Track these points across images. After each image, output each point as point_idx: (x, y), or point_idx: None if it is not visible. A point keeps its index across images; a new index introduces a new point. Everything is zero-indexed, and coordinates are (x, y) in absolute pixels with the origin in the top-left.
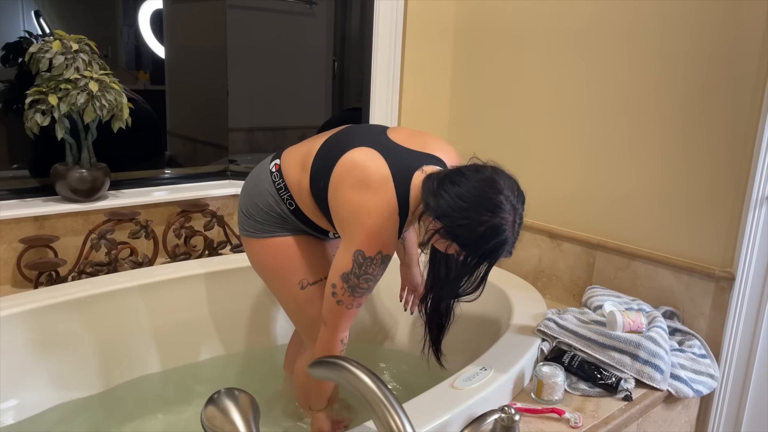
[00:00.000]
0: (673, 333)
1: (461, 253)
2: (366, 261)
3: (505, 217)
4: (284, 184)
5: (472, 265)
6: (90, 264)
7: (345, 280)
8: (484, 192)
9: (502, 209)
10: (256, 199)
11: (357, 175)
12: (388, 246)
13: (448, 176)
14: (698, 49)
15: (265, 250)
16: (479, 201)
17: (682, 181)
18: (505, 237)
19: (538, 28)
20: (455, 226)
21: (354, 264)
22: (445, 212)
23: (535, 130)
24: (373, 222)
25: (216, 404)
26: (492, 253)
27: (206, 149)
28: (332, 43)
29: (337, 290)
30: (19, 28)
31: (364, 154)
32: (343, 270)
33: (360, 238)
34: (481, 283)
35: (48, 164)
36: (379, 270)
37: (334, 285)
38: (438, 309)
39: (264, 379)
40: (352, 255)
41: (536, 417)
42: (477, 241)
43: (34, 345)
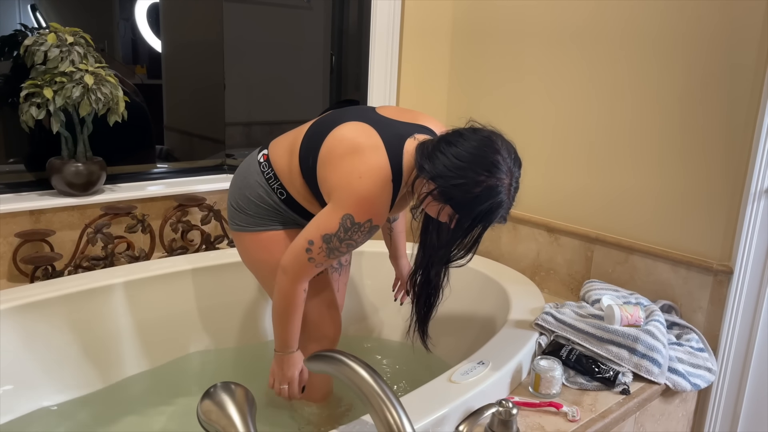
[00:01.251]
0: (671, 327)
1: (454, 217)
2: (354, 226)
3: (502, 179)
4: (273, 173)
5: (465, 227)
6: (86, 258)
7: (326, 241)
8: (481, 151)
9: (499, 169)
10: (247, 191)
11: (347, 144)
12: (380, 215)
13: (444, 138)
14: (696, 43)
15: (257, 245)
16: (476, 160)
17: (680, 175)
18: (500, 199)
19: (535, 25)
20: (450, 186)
21: (341, 227)
22: (441, 172)
23: (532, 125)
24: (365, 187)
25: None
26: (486, 216)
27: (203, 143)
28: (330, 37)
29: (314, 248)
30: (15, 21)
31: (353, 127)
32: (326, 231)
33: (351, 202)
34: (473, 247)
35: (43, 158)
36: (364, 238)
37: (311, 242)
38: (428, 280)
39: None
40: (340, 218)
41: (534, 411)
42: (471, 202)
43: (30, 339)
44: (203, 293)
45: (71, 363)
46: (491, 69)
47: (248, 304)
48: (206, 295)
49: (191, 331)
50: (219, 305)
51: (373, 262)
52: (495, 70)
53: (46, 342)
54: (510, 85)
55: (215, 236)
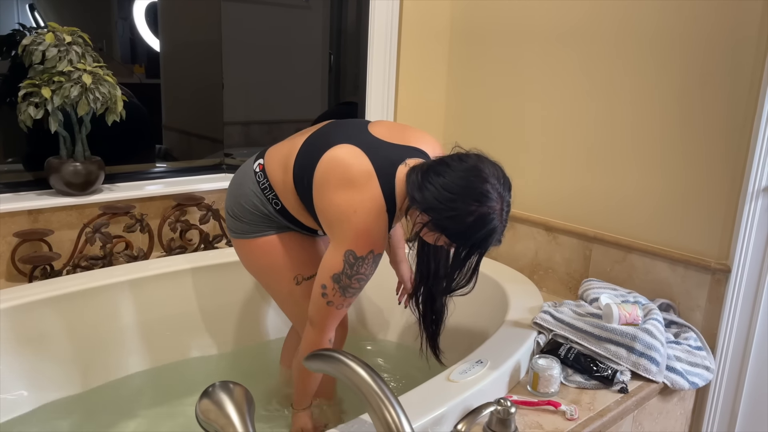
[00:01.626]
0: (669, 325)
1: (451, 244)
2: (357, 261)
3: (492, 206)
4: (269, 183)
5: (462, 256)
6: (85, 258)
7: (336, 281)
8: (469, 182)
9: (488, 198)
10: (242, 200)
11: (340, 173)
12: (379, 244)
13: (431, 167)
14: (694, 42)
15: (256, 250)
16: (465, 191)
17: (678, 174)
18: (494, 226)
19: (534, 24)
20: (443, 218)
21: (345, 264)
22: (432, 205)
23: (531, 125)
24: (361, 220)
25: (210, 397)
26: (482, 243)
27: (202, 143)
28: (328, 36)
29: (328, 291)
30: (13, 21)
31: (345, 152)
32: (333, 271)
33: (349, 238)
34: (473, 274)
35: (42, 157)
36: (371, 269)
37: (324, 286)
38: (432, 307)
39: (259, 374)
40: (343, 255)
41: (532, 409)
42: (466, 231)
43: (29, 340)
44: (202, 293)
45: (69, 362)
46: (489, 69)
47: (248, 303)
48: (205, 295)
49: (190, 331)
50: (218, 305)
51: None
52: (493, 70)
53: (44, 342)
54: (508, 84)
55: (214, 235)
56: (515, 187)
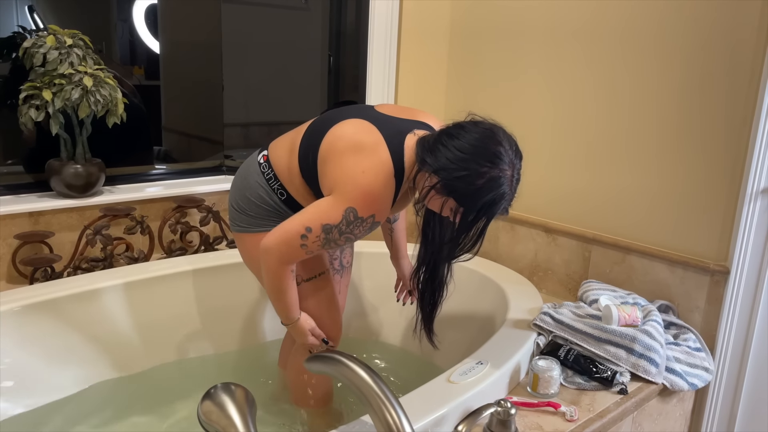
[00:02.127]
0: (668, 327)
1: (458, 210)
2: (357, 221)
3: (504, 169)
4: (273, 173)
5: (469, 220)
6: (85, 260)
7: (326, 231)
8: (483, 142)
9: (501, 160)
10: (247, 192)
11: (347, 140)
12: (382, 211)
13: (445, 131)
14: (693, 44)
15: (257, 245)
16: (478, 151)
17: (677, 176)
18: (503, 191)
19: (533, 24)
20: (453, 178)
21: (343, 220)
22: (443, 165)
23: (530, 126)
24: (368, 181)
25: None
26: (490, 207)
27: (201, 144)
28: (328, 37)
29: (310, 236)
30: (13, 23)
31: (352, 124)
32: (327, 221)
33: (355, 195)
34: (479, 239)
35: (42, 160)
36: (363, 233)
37: (308, 228)
38: (433, 281)
39: (259, 375)
40: (344, 210)
41: (532, 411)
42: (475, 193)
43: (29, 341)
44: (203, 294)
45: (70, 364)
46: (489, 69)
47: (248, 305)
48: (206, 297)
49: (190, 332)
50: (219, 306)
51: (372, 262)
52: (493, 69)
53: (45, 343)
54: (507, 85)
55: (214, 237)
56: None
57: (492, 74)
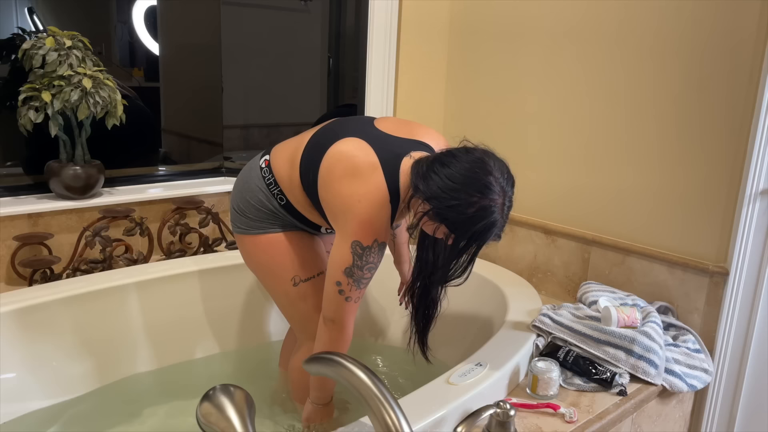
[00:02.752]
0: (668, 328)
1: (450, 236)
2: (365, 251)
3: (495, 199)
4: (274, 179)
5: (460, 247)
6: (84, 261)
7: (349, 274)
8: (474, 173)
9: (491, 190)
10: (247, 195)
11: (345, 164)
12: (382, 233)
13: (438, 158)
14: (693, 45)
15: (257, 247)
16: (469, 181)
17: (676, 177)
18: (494, 219)
19: (533, 26)
20: (444, 207)
21: (354, 256)
22: (435, 194)
23: (530, 127)
24: (364, 210)
25: (211, 400)
26: (481, 235)
27: (201, 146)
28: (327, 39)
29: (344, 287)
30: (13, 25)
31: (351, 145)
32: (344, 265)
33: (354, 229)
34: (469, 266)
35: (42, 161)
36: (378, 258)
37: (338, 282)
38: (426, 297)
39: (259, 376)
40: (350, 247)
41: (531, 412)
42: (466, 222)
43: (29, 343)
44: (202, 296)
45: (70, 365)
46: (488, 69)
47: (248, 306)
48: (205, 298)
49: (191, 334)
50: (218, 307)
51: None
52: (492, 70)
53: (44, 345)
54: (507, 85)
55: (213, 239)
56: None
57: (491, 75)
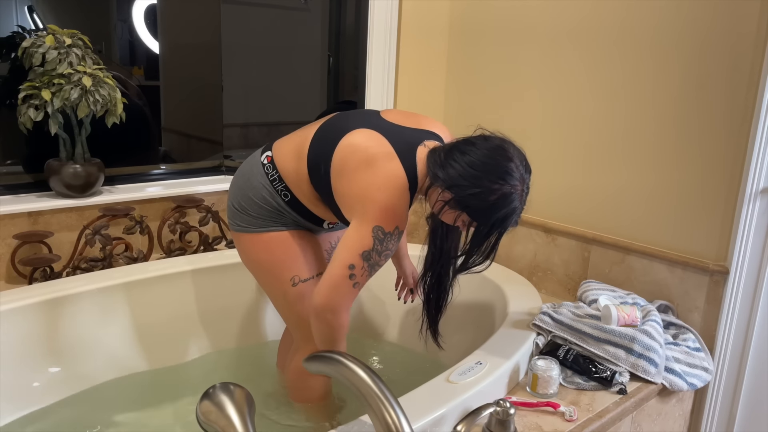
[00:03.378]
0: (668, 327)
1: (471, 224)
2: (386, 236)
3: (516, 185)
4: (278, 175)
5: (483, 233)
6: (84, 260)
7: (366, 258)
8: (494, 159)
9: (512, 176)
10: (250, 192)
11: (360, 155)
12: (403, 221)
13: (456, 146)
14: (692, 44)
15: (257, 245)
16: (490, 168)
17: (677, 176)
18: (515, 206)
19: (532, 25)
20: (466, 195)
21: (375, 240)
22: (456, 181)
23: (530, 126)
24: (386, 197)
25: (211, 399)
26: (502, 222)
27: (201, 145)
28: (327, 38)
29: (356, 270)
30: (12, 23)
31: (363, 136)
32: (363, 248)
33: (376, 215)
34: (492, 252)
35: (42, 160)
36: (396, 245)
37: (352, 266)
38: (439, 287)
39: (258, 376)
40: (372, 231)
41: (531, 410)
42: (488, 209)
43: (28, 341)
44: (202, 295)
45: (69, 364)
46: (488, 68)
47: (248, 305)
48: (205, 297)
49: (190, 333)
50: (218, 306)
51: None
52: (491, 69)
53: (44, 343)
54: (506, 84)
55: (213, 237)
56: None
57: (491, 74)
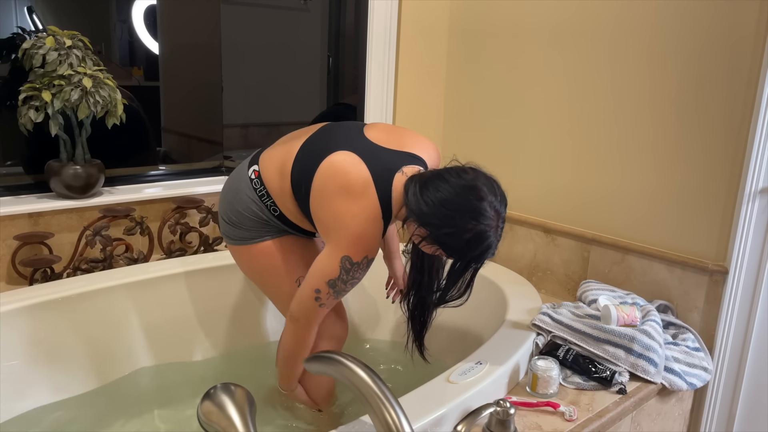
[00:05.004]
0: (667, 326)
1: (448, 256)
2: (354, 266)
3: (489, 224)
4: (266, 190)
5: (458, 270)
6: (85, 261)
7: (331, 286)
8: (466, 200)
9: (485, 216)
10: (239, 206)
11: (338, 181)
12: (373, 250)
13: (429, 181)
14: (691, 44)
15: (255, 256)
16: (462, 208)
17: (676, 176)
18: (490, 242)
19: (531, 25)
20: (441, 233)
21: (342, 270)
22: (429, 220)
23: (529, 126)
24: (358, 227)
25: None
26: (477, 258)
27: (201, 145)
28: (327, 38)
29: (322, 295)
30: (12, 25)
31: (343, 158)
32: (330, 276)
33: (346, 245)
34: (468, 288)
35: (42, 161)
36: (364, 273)
37: (318, 290)
38: (422, 306)
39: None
40: (339, 261)
41: (531, 410)
42: (463, 247)
43: (29, 342)
44: (202, 295)
45: (69, 364)
46: (488, 69)
47: (248, 305)
48: (206, 297)
49: (190, 333)
50: (219, 307)
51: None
52: (491, 70)
53: (45, 344)
54: (506, 84)
55: (214, 238)
56: (514, 189)
57: (491, 74)
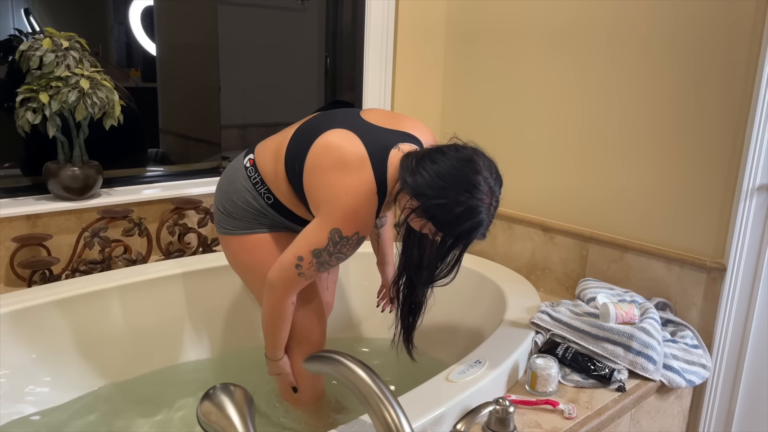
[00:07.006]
0: (666, 324)
1: (437, 233)
2: (342, 240)
3: (482, 199)
4: (260, 177)
5: (447, 246)
6: (83, 262)
7: (316, 255)
8: (462, 172)
9: (479, 190)
10: (233, 196)
11: (333, 156)
12: (366, 227)
13: (427, 154)
14: (688, 42)
15: (243, 247)
16: (457, 181)
17: (674, 173)
18: (481, 219)
19: (529, 24)
20: (432, 205)
21: (329, 242)
22: (423, 191)
23: (527, 125)
24: (351, 201)
25: (211, 399)
26: (467, 234)
27: (199, 146)
28: (324, 38)
29: (304, 263)
30: (9, 26)
31: (338, 135)
32: (316, 245)
33: (338, 216)
34: (455, 265)
35: (40, 162)
36: (352, 250)
37: (300, 257)
38: (412, 293)
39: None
40: (329, 232)
41: (530, 409)
42: (453, 221)
43: (27, 344)
44: (201, 296)
45: (68, 367)
46: (485, 68)
47: (247, 306)
48: (204, 298)
49: (190, 334)
50: (217, 308)
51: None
52: (489, 69)
53: (43, 346)
54: (504, 84)
55: (212, 239)
56: (512, 188)
57: (488, 73)
